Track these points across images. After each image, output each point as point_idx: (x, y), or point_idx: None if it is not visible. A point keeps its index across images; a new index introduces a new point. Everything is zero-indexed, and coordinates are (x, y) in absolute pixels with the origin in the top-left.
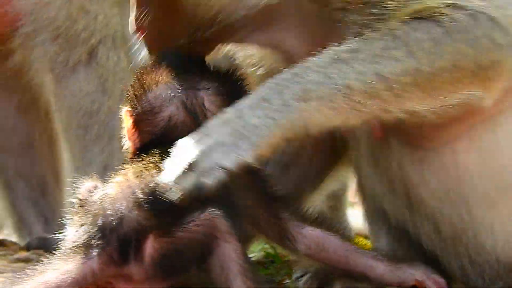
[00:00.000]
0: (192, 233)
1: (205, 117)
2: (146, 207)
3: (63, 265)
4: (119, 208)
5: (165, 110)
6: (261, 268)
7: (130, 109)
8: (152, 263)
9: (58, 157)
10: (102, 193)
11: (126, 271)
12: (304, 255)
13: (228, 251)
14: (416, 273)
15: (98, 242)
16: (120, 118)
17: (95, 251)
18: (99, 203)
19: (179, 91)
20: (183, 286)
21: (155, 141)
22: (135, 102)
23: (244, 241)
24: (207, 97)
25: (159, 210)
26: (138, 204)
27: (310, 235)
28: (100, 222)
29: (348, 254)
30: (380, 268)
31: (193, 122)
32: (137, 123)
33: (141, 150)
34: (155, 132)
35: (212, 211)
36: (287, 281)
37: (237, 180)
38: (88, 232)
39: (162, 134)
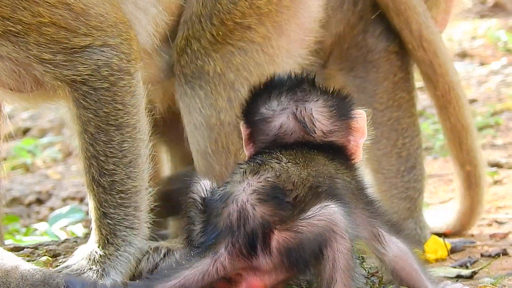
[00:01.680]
0: (313, 226)
1: (313, 125)
2: (269, 203)
3: (197, 263)
4: (243, 206)
5: (276, 120)
6: None
7: (246, 121)
8: (279, 256)
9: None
10: (223, 191)
11: (254, 263)
12: (390, 261)
13: (342, 247)
14: None
15: (227, 239)
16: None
17: (223, 248)
18: (222, 202)
19: (290, 103)
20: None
21: (266, 148)
22: (251, 115)
23: None
24: (315, 108)
25: (281, 205)
26: (261, 200)
27: (398, 244)
28: (227, 220)
29: (414, 272)
30: None
31: (302, 129)
32: (252, 134)
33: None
34: (267, 140)
35: (332, 206)
36: None
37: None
38: (216, 230)
39: (273, 140)
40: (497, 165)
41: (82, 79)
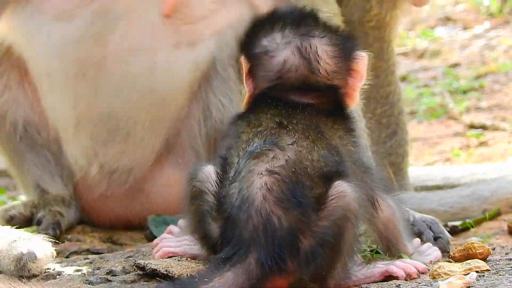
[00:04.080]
0: (331, 221)
1: (318, 64)
2: (294, 211)
3: (228, 274)
4: (268, 218)
5: (280, 54)
6: None
7: (246, 55)
8: (305, 258)
9: None
10: (238, 191)
11: (283, 267)
12: (381, 224)
13: (349, 236)
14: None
15: (256, 254)
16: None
17: (254, 262)
18: (244, 211)
19: (295, 37)
20: None
21: (270, 91)
22: (251, 47)
23: None
24: (320, 45)
25: (306, 212)
26: (285, 210)
27: (390, 205)
28: (254, 233)
29: (397, 233)
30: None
31: (307, 67)
32: (253, 68)
33: (256, 102)
34: (270, 78)
35: (344, 188)
36: None
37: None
38: (243, 243)
39: (277, 79)
40: (483, 127)
41: None
